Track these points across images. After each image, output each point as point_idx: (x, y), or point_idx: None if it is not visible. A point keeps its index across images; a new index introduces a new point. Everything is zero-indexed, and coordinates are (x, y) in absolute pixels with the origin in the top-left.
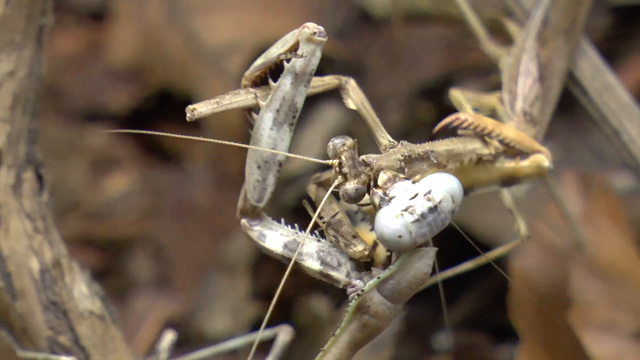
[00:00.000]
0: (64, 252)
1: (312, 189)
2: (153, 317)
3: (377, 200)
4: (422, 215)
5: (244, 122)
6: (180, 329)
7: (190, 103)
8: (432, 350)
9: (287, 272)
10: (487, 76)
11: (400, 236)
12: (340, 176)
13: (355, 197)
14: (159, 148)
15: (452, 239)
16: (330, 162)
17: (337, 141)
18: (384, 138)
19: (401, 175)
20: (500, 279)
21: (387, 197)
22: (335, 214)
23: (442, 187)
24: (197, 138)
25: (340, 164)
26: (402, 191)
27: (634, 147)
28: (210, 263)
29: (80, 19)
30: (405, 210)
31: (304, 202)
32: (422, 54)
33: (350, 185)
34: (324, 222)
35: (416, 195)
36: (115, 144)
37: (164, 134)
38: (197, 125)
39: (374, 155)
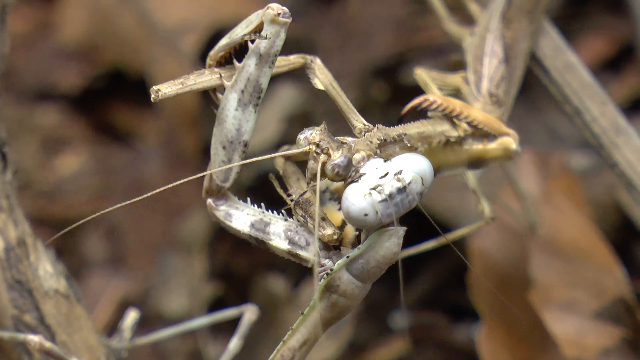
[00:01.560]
0: (29, 230)
1: (279, 162)
2: (108, 296)
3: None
4: (390, 195)
5: (210, 102)
6: (137, 308)
7: (143, 82)
8: (389, 329)
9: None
10: (439, 55)
11: (366, 214)
12: (322, 155)
13: (347, 166)
14: (111, 127)
15: (409, 218)
16: (306, 148)
17: (307, 132)
18: (358, 121)
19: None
20: (458, 258)
21: (357, 174)
22: (304, 193)
23: (413, 167)
24: None
25: (317, 145)
26: (372, 169)
27: (595, 126)
28: (165, 242)
29: None
30: (374, 189)
31: (270, 176)
32: (374, 32)
33: (338, 156)
34: (292, 201)
35: (386, 174)
36: (67, 123)
37: None
38: (150, 103)
39: (350, 139)
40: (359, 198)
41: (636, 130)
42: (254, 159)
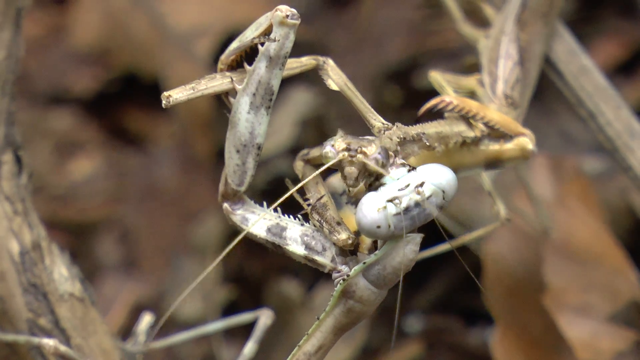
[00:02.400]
0: (44, 234)
1: (298, 166)
2: (122, 300)
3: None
4: (407, 209)
5: (223, 106)
6: (151, 312)
7: (157, 86)
8: (404, 333)
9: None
10: (452, 59)
11: (378, 227)
12: (358, 155)
13: (386, 155)
14: (124, 131)
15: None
16: (340, 156)
17: (329, 143)
18: (377, 120)
19: (398, 162)
20: (473, 262)
21: (377, 182)
22: (321, 197)
23: (436, 180)
24: None
25: (348, 149)
26: (394, 179)
27: (610, 129)
28: (178, 246)
29: (44, 2)
30: (391, 201)
31: (286, 181)
32: (387, 36)
33: (374, 150)
34: (308, 205)
35: (407, 185)
36: (80, 127)
37: None
38: (163, 109)
39: (371, 138)
40: (372, 211)
41: None
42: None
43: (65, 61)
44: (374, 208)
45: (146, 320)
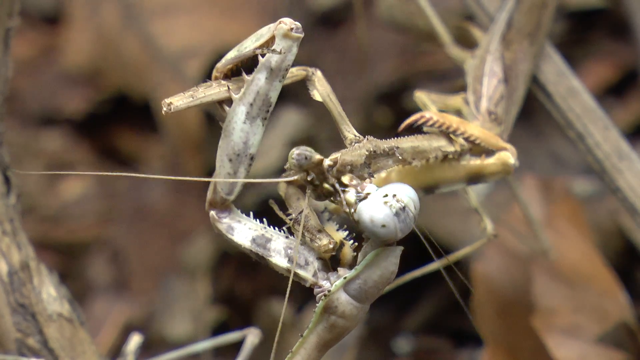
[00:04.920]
0: (32, 254)
1: (281, 186)
2: (112, 320)
3: (352, 197)
4: (400, 210)
5: (213, 126)
6: (140, 333)
7: (147, 107)
8: (393, 354)
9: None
10: (442, 81)
11: (383, 226)
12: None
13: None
14: (115, 151)
15: (410, 243)
16: (296, 177)
17: (299, 157)
18: (350, 132)
19: (366, 178)
20: (461, 283)
21: (363, 194)
22: (302, 211)
23: (404, 192)
24: None
25: (312, 180)
26: (373, 190)
27: (598, 151)
28: (169, 266)
29: (35, 23)
30: (385, 204)
31: (270, 201)
32: (377, 58)
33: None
34: (291, 219)
35: (386, 195)
36: (71, 148)
37: None
38: (154, 128)
39: (339, 153)
40: (380, 208)
41: (639, 155)
42: (262, 180)
43: (56, 82)
44: (380, 206)
45: (135, 340)
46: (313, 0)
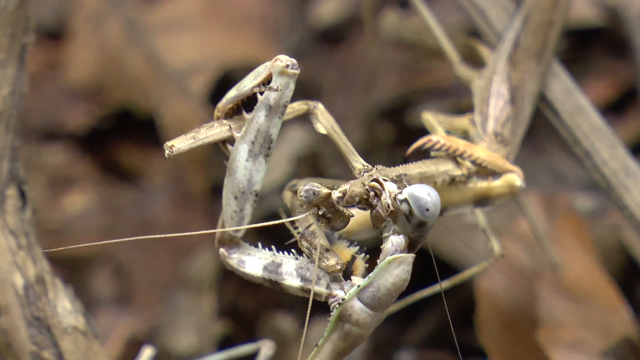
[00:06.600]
0: (47, 268)
1: (287, 196)
2: (116, 334)
3: (393, 188)
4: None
5: (220, 153)
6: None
7: (151, 122)
8: None
9: None
10: (444, 97)
11: (435, 204)
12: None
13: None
14: (118, 166)
15: (416, 259)
16: (308, 213)
17: (308, 194)
18: (357, 162)
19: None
20: (465, 297)
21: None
22: (309, 225)
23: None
24: None
25: (323, 213)
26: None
27: (605, 168)
28: (173, 281)
29: (38, 38)
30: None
31: (279, 209)
32: (379, 74)
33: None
34: (298, 233)
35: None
36: (74, 163)
37: None
38: (158, 143)
39: (347, 184)
40: (429, 191)
41: None
42: (270, 223)
43: (59, 97)
44: (429, 187)
45: (147, 353)
46: (315, 16)
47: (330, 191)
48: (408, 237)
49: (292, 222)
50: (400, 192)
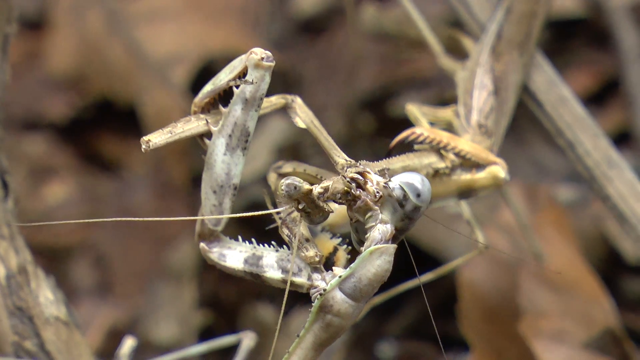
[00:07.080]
0: (29, 258)
1: (272, 178)
2: (97, 324)
3: (379, 178)
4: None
5: (198, 147)
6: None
7: (132, 112)
8: (377, 359)
9: None
10: (424, 88)
11: (427, 189)
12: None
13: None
14: (98, 156)
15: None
16: (288, 207)
17: (289, 188)
18: (340, 157)
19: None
20: (447, 288)
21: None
22: (291, 212)
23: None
24: None
25: (303, 208)
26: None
27: (588, 159)
28: (153, 271)
29: (19, 28)
30: None
31: (263, 191)
32: (360, 65)
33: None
34: (280, 219)
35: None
36: (54, 153)
37: None
38: (138, 133)
39: (330, 180)
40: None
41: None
42: (250, 214)
43: (39, 87)
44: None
45: (128, 344)
46: (295, 7)
47: (311, 187)
48: (394, 226)
49: (275, 206)
50: (390, 181)
